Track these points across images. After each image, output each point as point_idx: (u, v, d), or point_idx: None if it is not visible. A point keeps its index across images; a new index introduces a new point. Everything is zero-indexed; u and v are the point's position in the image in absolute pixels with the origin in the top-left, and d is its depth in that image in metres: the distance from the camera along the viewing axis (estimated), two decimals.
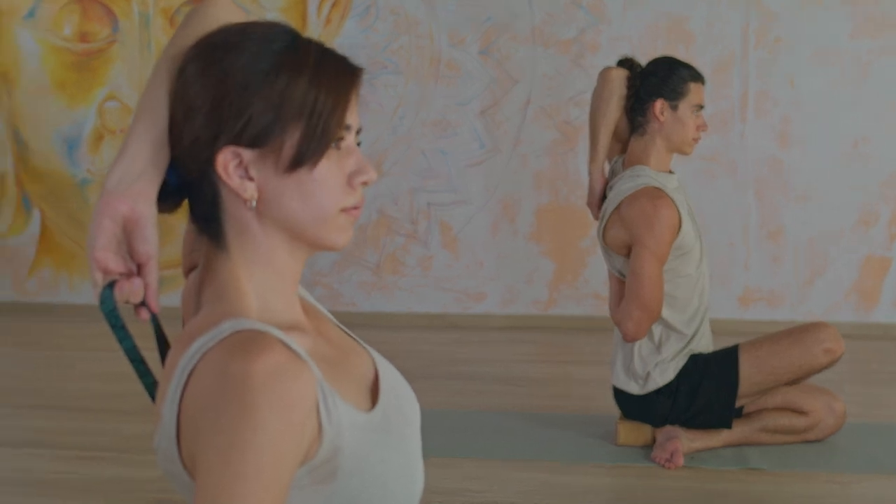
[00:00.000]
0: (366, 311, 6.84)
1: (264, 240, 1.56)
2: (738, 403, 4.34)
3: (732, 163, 6.45)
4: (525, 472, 4.15)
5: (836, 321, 6.33)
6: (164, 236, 1.62)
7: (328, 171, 1.55)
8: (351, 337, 1.74)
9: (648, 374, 4.31)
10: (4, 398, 5.29)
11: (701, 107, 4.36)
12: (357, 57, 6.65)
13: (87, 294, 7.07)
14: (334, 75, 1.54)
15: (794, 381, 4.36)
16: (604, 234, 4.34)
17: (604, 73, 4.43)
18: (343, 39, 6.70)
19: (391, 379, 1.70)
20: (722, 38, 6.42)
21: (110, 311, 1.57)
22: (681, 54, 6.31)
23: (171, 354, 1.52)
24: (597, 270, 6.51)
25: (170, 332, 1.62)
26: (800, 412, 4.39)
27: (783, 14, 6.39)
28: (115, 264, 1.55)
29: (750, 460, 4.27)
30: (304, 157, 1.52)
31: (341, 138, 1.55)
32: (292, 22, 6.70)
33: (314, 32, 6.71)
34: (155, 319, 1.62)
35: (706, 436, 4.35)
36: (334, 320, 1.76)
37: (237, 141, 1.51)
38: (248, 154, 1.52)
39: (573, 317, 6.63)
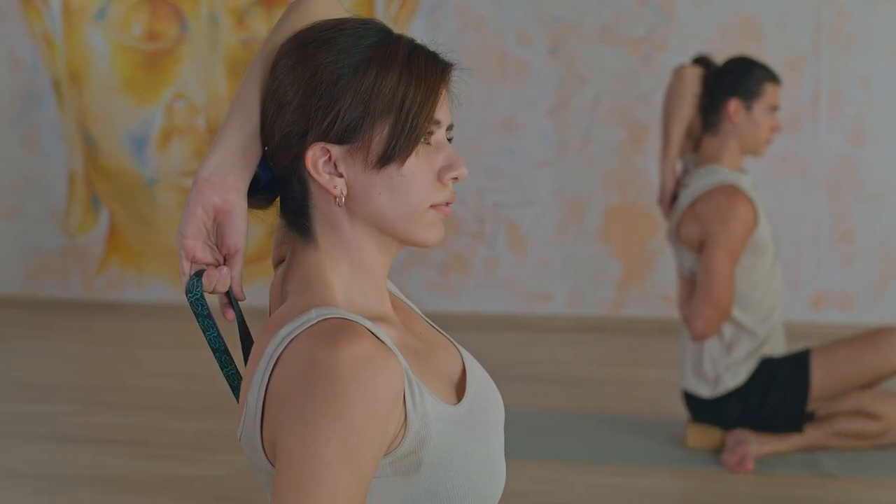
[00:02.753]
0: (431, 312, 6.79)
1: (353, 235, 1.57)
2: (809, 408, 4.29)
3: (803, 163, 6.38)
4: (591, 475, 4.12)
5: None
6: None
7: (417, 167, 1.54)
8: (439, 332, 1.73)
9: (719, 375, 4.26)
10: (74, 395, 5.34)
11: (776, 108, 4.32)
12: None
13: (155, 292, 7.11)
14: (424, 70, 1.54)
15: (866, 386, 4.31)
16: (677, 231, 4.31)
17: (678, 71, 4.40)
18: None
19: (478, 375, 1.68)
20: (793, 36, 6.35)
21: (197, 299, 1.57)
22: (751, 53, 6.24)
23: (257, 343, 1.53)
24: (665, 272, 6.46)
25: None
26: (872, 417, 4.33)
27: (856, 12, 6.30)
28: (203, 254, 1.56)
29: (821, 466, 4.21)
30: (392, 154, 1.52)
31: (430, 133, 1.55)
32: None
33: None
34: (240, 314, 1.62)
35: (776, 440, 4.30)
36: (423, 316, 1.75)
37: (326, 137, 1.52)
38: (336, 150, 1.53)
39: (641, 318, 6.59)
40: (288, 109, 1.53)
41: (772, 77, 4.32)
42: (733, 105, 4.27)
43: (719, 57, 4.46)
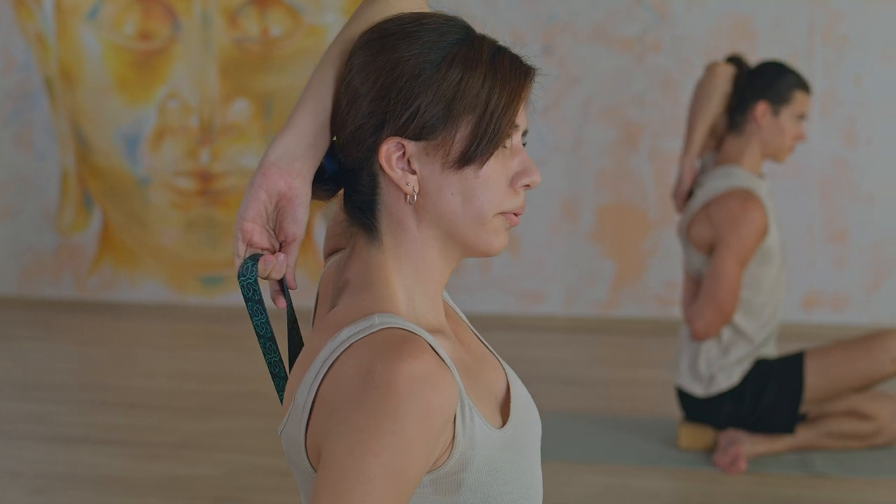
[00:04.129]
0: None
1: (419, 236, 1.53)
2: (802, 410, 4.30)
3: (796, 163, 6.38)
4: (585, 475, 4.12)
5: None
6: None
7: (493, 170, 1.52)
8: (485, 345, 1.69)
9: (713, 376, 4.27)
10: (67, 395, 5.33)
11: (803, 117, 4.30)
12: None
13: (148, 292, 7.11)
14: (509, 73, 1.52)
15: (859, 390, 4.32)
16: (688, 230, 4.31)
17: (711, 68, 4.37)
18: None
19: (521, 395, 1.65)
20: (787, 36, 6.36)
21: (250, 283, 1.53)
22: (745, 53, 6.25)
23: (311, 340, 1.50)
24: (658, 272, 6.47)
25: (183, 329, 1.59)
26: (865, 417, 4.34)
27: (849, 12, 6.32)
28: (260, 238, 1.52)
29: (814, 466, 4.22)
30: (474, 155, 1.49)
31: (509, 137, 1.52)
32: None
33: None
34: (290, 303, 1.59)
35: (769, 440, 4.31)
36: (471, 326, 1.71)
37: (402, 132, 1.48)
38: (412, 146, 1.49)
39: (635, 318, 6.59)
40: (364, 101, 1.49)
41: (803, 86, 4.30)
42: (761, 108, 4.25)
43: (713, 58, 4.46)
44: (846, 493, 4.02)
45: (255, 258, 1.51)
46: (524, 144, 1.58)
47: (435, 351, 1.42)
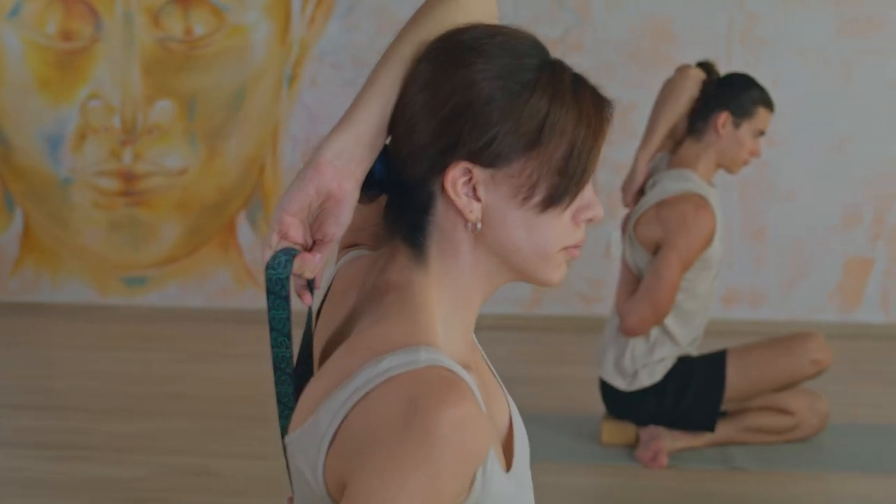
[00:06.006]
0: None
1: (470, 264, 1.47)
2: (722, 408, 4.35)
3: None
4: None
5: (818, 321, 6.36)
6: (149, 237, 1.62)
7: None
8: (493, 374, 1.64)
9: (637, 372, 4.31)
10: None
11: (762, 133, 4.34)
12: (341, 57, 6.67)
13: (71, 293, 7.05)
14: (593, 108, 1.45)
15: (779, 390, 4.38)
16: (635, 227, 4.32)
17: (683, 70, 4.39)
18: (327, 39, 6.70)
19: (521, 431, 1.59)
20: (705, 38, 6.43)
21: (283, 278, 1.45)
22: (664, 55, 6.32)
23: (341, 359, 1.43)
24: (581, 270, 6.51)
25: (150, 328, 1.59)
26: (783, 412, 4.41)
27: (766, 15, 6.41)
28: (296, 233, 1.45)
29: (734, 460, 4.28)
30: (562, 197, 1.43)
31: (592, 175, 1.47)
32: (276, 22, 6.71)
33: (298, 33, 6.71)
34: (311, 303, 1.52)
35: (690, 436, 4.36)
36: (482, 351, 1.65)
37: (474, 158, 1.41)
38: (480, 173, 1.42)
39: (558, 316, 6.63)
40: (434, 118, 1.41)
41: (768, 103, 4.33)
42: (723, 118, 4.28)
43: (634, 59, 4.49)
44: (765, 486, 4.08)
45: (288, 253, 1.45)
46: None
47: (475, 396, 1.37)
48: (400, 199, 1.48)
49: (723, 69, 4.51)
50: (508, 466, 1.51)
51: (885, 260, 6.48)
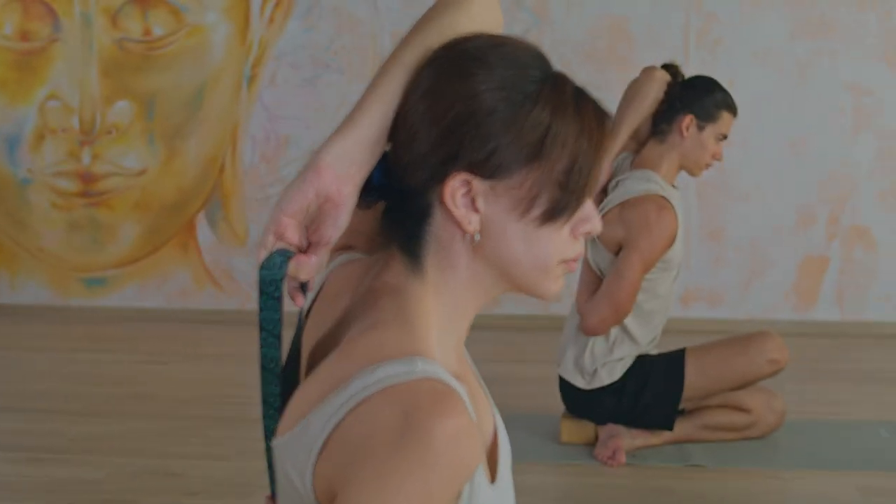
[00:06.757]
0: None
1: (467, 275, 1.46)
2: (680, 406, 4.38)
3: None
4: None
5: (775, 319, 6.41)
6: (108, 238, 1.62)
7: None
8: (480, 383, 1.64)
9: (596, 370, 4.33)
10: None
11: (724, 137, 4.37)
12: (300, 57, 6.67)
13: (30, 294, 7.01)
14: (594, 122, 1.44)
15: (737, 388, 4.41)
16: None
17: (650, 71, 4.39)
18: (286, 39, 6.70)
19: (504, 440, 1.59)
20: (663, 39, 6.47)
21: (277, 279, 1.44)
22: (622, 55, 6.36)
23: (334, 364, 1.42)
24: None
25: (114, 329, 1.59)
26: (741, 409, 4.44)
27: (723, 16, 6.45)
28: (292, 235, 1.43)
29: (691, 457, 4.31)
30: (562, 211, 1.43)
31: (593, 189, 1.46)
32: (235, 22, 6.70)
33: (257, 32, 6.70)
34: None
35: (648, 434, 4.39)
36: (470, 360, 1.65)
37: (474, 169, 1.40)
38: (479, 184, 1.41)
39: (516, 315, 6.65)
40: (435, 127, 1.41)
41: (732, 107, 4.37)
42: (687, 120, 4.29)
43: (591, 59, 4.51)
44: (722, 483, 4.11)
45: (283, 254, 1.44)
46: None
47: (468, 408, 1.36)
48: (398, 206, 1.47)
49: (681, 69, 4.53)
50: (493, 477, 1.51)
51: (840, 259, 6.54)
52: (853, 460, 4.32)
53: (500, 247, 1.44)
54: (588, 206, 1.47)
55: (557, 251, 1.45)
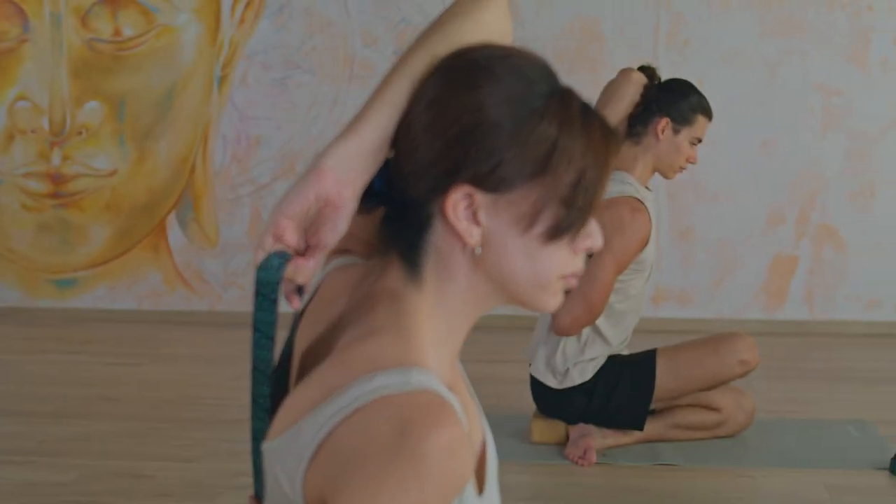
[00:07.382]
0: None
1: (466, 286, 1.45)
2: (651, 407, 4.39)
3: None
4: None
5: (745, 319, 6.44)
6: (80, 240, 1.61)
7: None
8: (471, 394, 1.64)
9: (568, 370, 4.34)
10: None
11: (699, 141, 4.38)
12: (271, 57, 6.66)
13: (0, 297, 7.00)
14: (600, 140, 1.43)
15: (708, 389, 4.42)
16: None
17: (627, 73, 4.38)
18: (257, 39, 6.69)
19: (492, 451, 1.59)
20: (632, 39, 6.49)
21: (274, 281, 1.43)
22: (593, 56, 6.38)
23: (327, 370, 1.40)
24: None
25: (83, 331, 1.59)
26: (710, 409, 4.46)
27: (692, 16, 6.48)
28: (291, 237, 1.42)
29: (662, 456, 4.33)
30: (567, 229, 1.42)
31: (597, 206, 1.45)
32: (206, 22, 6.69)
33: (228, 32, 6.69)
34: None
35: (619, 433, 4.40)
36: (462, 370, 1.65)
37: (477, 181, 1.39)
38: (482, 198, 1.39)
39: (488, 315, 6.64)
40: (439, 138, 1.39)
41: (707, 111, 4.39)
42: (663, 123, 4.31)
43: (562, 59, 4.52)
44: (693, 482, 4.13)
45: (281, 256, 1.43)
46: None
47: (461, 420, 1.34)
48: (398, 214, 1.45)
49: None
50: (481, 489, 1.51)
51: (809, 258, 6.58)
52: (822, 459, 4.34)
53: (501, 261, 1.42)
54: (590, 223, 1.46)
55: (558, 267, 1.44)
